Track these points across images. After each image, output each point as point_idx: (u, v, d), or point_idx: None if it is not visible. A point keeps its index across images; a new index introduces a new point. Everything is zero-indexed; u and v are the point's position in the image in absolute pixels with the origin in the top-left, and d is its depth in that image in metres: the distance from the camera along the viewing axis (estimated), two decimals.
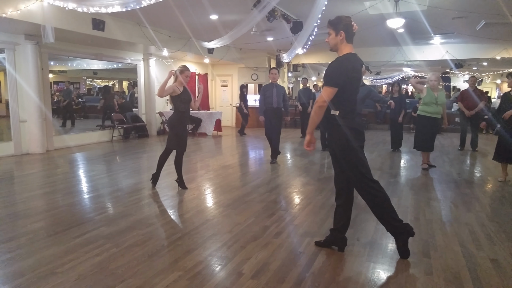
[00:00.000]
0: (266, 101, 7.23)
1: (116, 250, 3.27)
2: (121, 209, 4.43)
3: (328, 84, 3.02)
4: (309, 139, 3.17)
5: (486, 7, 8.10)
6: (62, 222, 3.98)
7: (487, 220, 4.14)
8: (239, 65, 15.12)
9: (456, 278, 2.83)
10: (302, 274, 2.87)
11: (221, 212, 4.35)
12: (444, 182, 5.90)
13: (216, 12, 8.78)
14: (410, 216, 4.25)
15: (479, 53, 13.70)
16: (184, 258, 3.13)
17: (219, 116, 12.94)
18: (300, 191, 5.37)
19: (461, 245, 3.44)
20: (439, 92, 6.41)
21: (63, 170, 6.81)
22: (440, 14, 8.89)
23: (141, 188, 5.46)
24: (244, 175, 6.45)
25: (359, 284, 2.73)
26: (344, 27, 3.07)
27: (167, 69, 13.02)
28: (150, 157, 8.57)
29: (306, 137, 3.20)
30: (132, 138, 11.56)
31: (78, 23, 8.00)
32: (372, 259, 3.13)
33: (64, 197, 4.97)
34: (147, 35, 9.75)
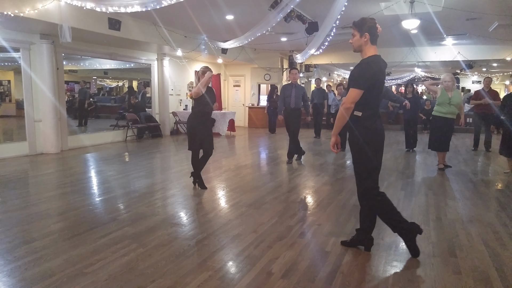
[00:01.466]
0: (285, 101, 7.26)
1: (143, 250, 3.30)
2: (143, 210, 4.47)
3: (354, 86, 3.03)
4: (335, 140, 3.21)
5: (500, 8, 8.04)
6: (84, 222, 4.03)
7: (508, 220, 4.13)
8: (252, 65, 15.15)
9: (485, 277, 2.83)
10: (332, 273, 2.88)
11: (244, 212, 4.37)
12: (461, 182, 5.87)
13: (232, 13, 8.81)
14: (432, 216, 4.24)
15: (490, 54, 13.59)
16: (212, 258, 3.16)
17: (232, 116, 12.98)
18: (320, 191, 5.37)
19: (486, 245, 3.43)
20: (453, 92, 6.39)
21: (80, 171, 6.88)
22: (454, 15, 8.83)
23: (160, 188, 5.51)
24: (262, 175, 6.47)
25: (389, 284, 2.74)
26: (368, 28, 3.08)
27: (181, 69, 13.16)
28: (165, 157, 8.64)
29: (332, 139, 3.22)
30: (146, 138, 11.64)
31: (95, 22, 8.08)
32: (399, 259, 3.14)
33: (83, 197, 5.03)
34: (162, 35, 9.81)
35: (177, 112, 12.93)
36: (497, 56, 13.63)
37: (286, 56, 15.39)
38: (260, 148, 10.21)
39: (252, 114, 15.57)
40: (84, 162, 7.81)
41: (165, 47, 10.95)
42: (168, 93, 12.52)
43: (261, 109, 15.43)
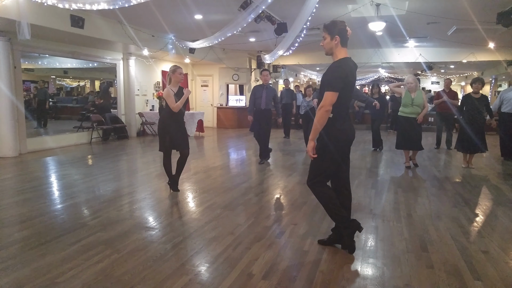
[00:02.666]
0: (255, 102, 7.25)
1: (118, 256, 3.19)
2: (114, 214, 4.33)
3: (330, 89, 3.05)
4: (313, 145, 3.15)
5: (458, 13, 8.45)
6: (52, 229, 3.84)
7: (472, 214, 4.34)
8: (220, 65, 15.07)
9: (456, 270, 2.95)
10: (311, 272, 2.91)
11: (219, 214, 4.33)
12: (427, 179, 6.11)
13: (201, 12, 8.72)
14: (403, 212, 4.38)
15: (448, 56, 14.28)
16: (190, 261, 3.10)
17: (201, 116, 12.85)
18: (293, 191, 5.42)
19: (454, 239, 3.59)
20: (416, 93, 6.65)
21: (42, 175, 6.56)
22: (417, 19, 9.20)
23: (130, 192, 5.35)
24: (235, 177, 6.43)
25: (368, 279, 2.79)
26: (339, 31, 3.12)
27: (147, 69, 12.87)
28: (133, 159, 8.42)
29: (309, 143, 3.16)
30: (112, 139, 11.29)
31: (56, 19, 7.74)
32: (375, 255, 3.21)
33: (48, 203, 4.80)
34: (128, 34, 9.55)
35: (143, 113, 12.64)
36: (454, 59, 14.32)
37: (254, 56, 15.41)
38: (230, 148, 10.17)
39: (221, 114, 15.49)
40: (46, 166, 7.46)
41: (130, 46, 10.66)
42: (134, 93, 12.22)
43: (230, 109, 15.38)
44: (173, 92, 4.95)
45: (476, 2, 7.74)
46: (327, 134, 3.14)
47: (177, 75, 4.95)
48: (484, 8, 8.06)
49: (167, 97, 4.87)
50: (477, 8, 8.10)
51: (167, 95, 4.87)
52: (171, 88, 4.97)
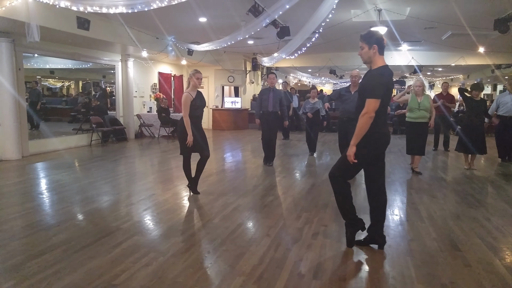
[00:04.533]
0: (262, 105, 7.36)
1: (164, 259, 3.25)
2: (143, 217, 4.37)
3: (372, 96, 3.17)
4: (355, 150, 3.24)
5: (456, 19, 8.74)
6: (88, 232, 3.87)
7: (488, 214, 4.55)
8: (215, 67, 15.10)
9: (493, 268, 3.12)
10: (358, 272, 3.04)
11: (248, 216, 4.41)
12: (435, 181, 6.33)
13: (206, 15, 8.77)
14: (423, 213, 4.56)
15: (439, 60, 14.72)
16: (237, 263, 3.18)
17: None
18: (311, 193, 5.54)
19: (480, 238, 3.78)
20: (422, 97, 6.79)
21: (54, 178, 6.50)
22: (415, 24, 9.48)
23: (151, 195, 5.38)
24: (248, 179, 6.51)
25: (414, 278, 2.93)
26: (376, 40, 3.27)
27: (144, 70, 12.81)
28: (141, 161, 8.42)
29: (351, 148, 3.25)
30: (111, 142, 11.20)
31: (63, 21, 7.68)
32: (411, 254, 3.36)
33: (71, 206, 4.80)
34: (131, 35, 9.50)
35: (141, 115, 12.58)
36: (444, 62, 14.77)
37: (249, 59, 15.52)
38: (233, 150, 10.24)
39: (217, 116, 15.52)
40: (54, 169, 7.37)
41: (129, 48, 10.62)
42: (133, 95, 12.14)
43: (226, 111, 15.43)
44: (192, 97, 4.99)
45: (474, 9, 8.05)
46: (367, 138, 3.26)
47: (194, 80, 4.99)
48: (481, 14, 8.38)
49: (184, 104, 4.91)
50: (475, 14, 8.42)
51: (184, 102, 4.90)
52: (190, 92, 5.02)
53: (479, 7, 7.92)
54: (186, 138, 5.01)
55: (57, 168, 7.38)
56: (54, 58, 11.00)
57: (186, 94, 4.97)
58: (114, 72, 11.88)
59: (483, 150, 7.04)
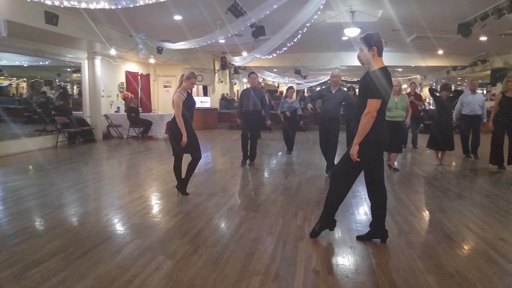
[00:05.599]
0: (243, 104, 7.35)
1: (174, 262, 3.18)
2: (139, 220, 4.24)
3: (374, 96, 3.27)
4: (358, 149, 3.35)
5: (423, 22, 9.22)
6: (84, 238, 3.70)
7: (470, 207, 4.84)
8: (184, 66, 14.87)
9: (489, 256, 3.33)
10: (368, 265, 3.13)
11: (246, 216, 4.40)
12: (414, 177, 6.64)
13: (181, 13, 8.63)
14: (412, 207, 4.77)
15: (402, 61, 15.41)
16: (250, 262, 3.18)
17: (169, 118, 12.59)
18: (301, 190, 5.61)
19: (469, 229, 4.01)
20: (400, 97, 7.10)
21: (27, 183, 6.11)
22: (385, 26, 9.87)
23: (139, 197, 5.23)
24: (234, 178, 6.47)
25: (422, 269, 3.07)
26: (375, 43, 3.37)
27: (111, 69, 12.37)
28: (118, 163, 8.13)
29: (354, 147, 3.35)
30: (78, 143, 10.72)
31: (31, 15, 7.29)
32: (413, 246, 3.51)
33: (58, 211, 4.56)
34: (98, 32, 9.15)
35: (109, 115, 12.15)
36: (407, 63, 15.48)
37: (218, 58, 15.44)
38: (208, 150, 10.13)
39: None
40: (23, 173, 6.95)
41: (96, 45, 10.25)
42: (100, 94, 11.69)
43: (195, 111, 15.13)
44: (184, 97, 4.92)
45: (440, 13, 8.53)
46: (368, 137, 3.37)
47: (189, 83, 4.92)
48: (446, 19, 8.89)
49: (177, 104, 4.83)
50: (440, 18, 8.91)
51: (177, 102, 4.82)
52: (182, 92, 4.93)
53: (444, 12, 8.40)
54: (179, 139, 4.91)
55: (26, 172, 6.96)
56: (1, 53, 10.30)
57: (179, 94, 4.88)
58: (70, 70, 11.37)
59: (452, 146, 7.47)
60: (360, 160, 3.38)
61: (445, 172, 7.09)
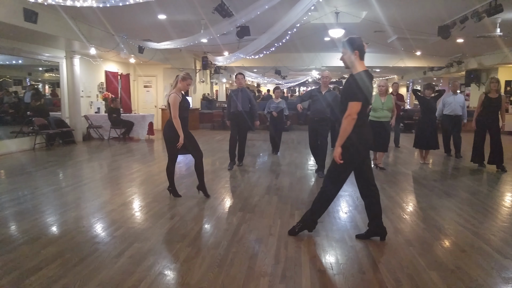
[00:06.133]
0: (232, 105, 7.29)
1: (177, 265, 3.13)
2: (134, 223, 4.15)
3: (354, 99, 3.34)
4: (341, 151, 3.41)
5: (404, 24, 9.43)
6: (79, 243, 3.59)
7: (459, 204, 4.99)
8: (165, 66, 14.67)
9: (484, 251, 3.44)
10: (371, 263, 3.18)
11: (243, 217, 4.38)
12: (400, 176, 6.78)
13: (166, 12, 8.50)
14: (404, 205, 4.88)
15: (381, 61, 15.72)
16: (254, 263, 3.16)
17: (151, 119, 12.42)
18: (292, 191, 5.63)
19: (462, 226, 4.14)
20: (386, 97, 7.23)
21: (9, 187, 5.87)
22: (367, 27, 10.03)
23: (131, 200, 5.13)
24: (224, 180, 6.40)
25: (424, 266, 3.13)
26: (358, 46, 3.45)
27: (90, 69, 12.05)
28: (102, 165, 7.92)
29: (336, 149, 3.41)
30: (57, 145, 10.38)
31: (9, 13, 6.98)
32: (412, 243, 3.59)
33: (46, 216, 4.41)
34: (82, 31, 8.91)
35: (89, 116, 11.83)
36: (386, 64, 15.81)
37: (199, 57, 15.30)
38: None
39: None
40: (6, 176, 6.67)
41: (75, 44, 9.97)
42: (79, 95, 11.36)
43: None
44: (180, 99, 4.85)
45: (422, 15, 8.74)
46: (351, 139, 3.42)
47: (184, 84, 4.86)
48: (427, 21, 9.12)
49: (173, 105, 4.76)
50: (422, 21, 9.13)
51: (174, 104, 4.76)
52: (177, 94, 4.86)
53: (426, 14, 8.61)
54: (175, 140, 4.83)
55: (7, 176, 6.69)
56: None
57: (174, 95, 4.80)
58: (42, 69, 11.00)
59: (437, 145, 7.67)
60: (346, 162, 3.42)
61: (430, 170, 7.28)
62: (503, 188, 6.05)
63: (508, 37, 9.38)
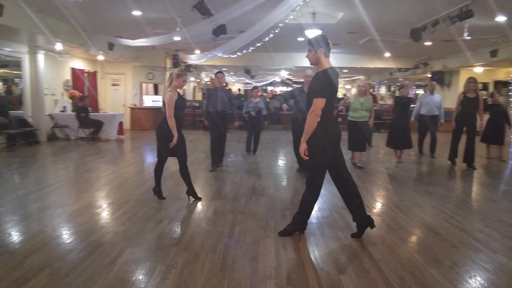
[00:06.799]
0: (210, 104, 7.09)
1: (177, 271, 3.00)
2: (122, 228, 3.95)
3: (319, 96, 3.41)
4: (305, 147, 3.50)
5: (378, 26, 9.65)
6: (66, 251, 3.36)
7: (441, 202, 5.14)
8: (134, 63, 14.22)
9: (474, 247, 3.55)
10: (374, 262, 3.19)
11: (234, 218, 4.28)
12: (380, 175, 6.93)
13: (141, 8, 8.22)
14: (390, 204, 4.99)
15: (351, 62, 16.07)
16: (257, 266, 3.09)
17: (121, 118, 11.99)
18: (278, 190, 5.61)
19: (449, 223, 4.27)
20: (365, 98, 7.35)
21: None
22: (342, 28, 10.19)
23: (111, 202, 4.89)
24: (207, 181, 6.24)
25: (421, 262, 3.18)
26: (323, 44, 3.52)
27: (55, 65, 11.45)
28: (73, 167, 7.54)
29: (301, 145, 3.50)
30: (19, 145, 9.78)
31: None
32: (406, 241, 3.66)
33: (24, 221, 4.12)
34: (49, 25, 8.44)
35: (54, 115, 11.25)
36: (354, 65, 16.17)
37: (169, 55, 14.96)
38: None
39: (136, 115, 14.59)
40: None
41: (39, 39, 9.43)
42: (43, 92, 10.76)
43: (146, 110, 14.63)
44: (176, 97, 4.69)
45: (396, 18, 8.97)
46: (318, 136, 3.48)
47: (180, 81, 4.69)
48: (400, 24, 9.37)
49: (168, 104, 4.59)
50: (395, 23, 9.38)
51: (169, 102, 4.59)
52: (173, 92, 4.70)
53: (400, 17, 8.85)
54: (168, 140, 4.66)
55: None
56: None
57: (170, 93, 4.62)
58: None
59: (410, 145, 7.91)
60: (319, 158, 3.49)
61: (406, 169, 7.49)
62: (477, 185, 6.33)
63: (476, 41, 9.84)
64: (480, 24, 8.88)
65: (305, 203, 3.71)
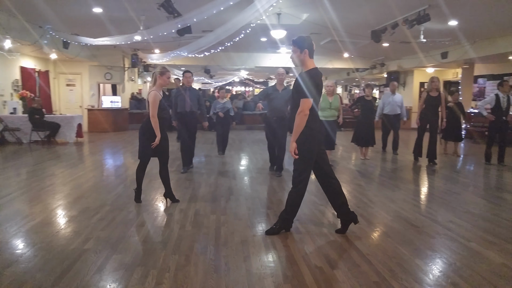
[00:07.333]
0: (179, 105, 6.90)
1: (171, 275, 2.92)
2: (103, 233, 3.78)
3: (305, 96, 3.49)
4: (295, 146, 3.57)
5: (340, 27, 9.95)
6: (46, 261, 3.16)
7: (412, 196, 5.44)
8: (90, 63, 13.63)
9: (451, 237, 3.78)
10: (363, 256, 3.30)
11: (217, 220, 4.25)
12: (349, 172, 7.15)
13: (102, 5, 7.89)
14: (365, 199, 5.17)
15: None
16: (251, 265, 3.09)
17: (80, 120, 11.44)
18: (254, 190, 5.62)
19: (422, 215, 4.52)
20: (333, 97, 7.55)
21: None
22: (305, 29, 10.37)
23: (86, 208, 4.66)
24: (181, 183, 6.08)
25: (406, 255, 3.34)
26: (307, 45, 3.62)
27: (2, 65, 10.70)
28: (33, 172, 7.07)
29: (291, 145, 3.57)
30: None
31: None
32: (388, 235, 3.81)
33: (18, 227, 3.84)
34: (1, 21, 7.88)
35: (3, 117, 10.52)
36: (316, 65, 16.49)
37: (128, 55, 14.51)
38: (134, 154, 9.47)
39: (94, 117, 13.97)
40: None
41: None
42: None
43: (105, 111, 14.06)
44: (160, 96, 4.55)
45: (357, 20, 9.30)
46: (305, 135, 3.57)
47: (165, 79, 4.57)
48: (361, 25, 9.72)
49: (152, 103, 4.45)
50: (356, 25, 9.71)
51: (153, 102, 4.45)
52: (158, 91, 4.56)
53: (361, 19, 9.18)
54: (150, 140, 4.52)
55: None
56: None
57: (155, 92, 4.48)
58: None
59: (373, 142, 8.24)
60: (307, 157, 3.58)
61: (373, 165, 7.79)
62: (440, 179, 6.70)
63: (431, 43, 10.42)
64: (434, 28, 9.42)
65: (292, 201, 3.75)
